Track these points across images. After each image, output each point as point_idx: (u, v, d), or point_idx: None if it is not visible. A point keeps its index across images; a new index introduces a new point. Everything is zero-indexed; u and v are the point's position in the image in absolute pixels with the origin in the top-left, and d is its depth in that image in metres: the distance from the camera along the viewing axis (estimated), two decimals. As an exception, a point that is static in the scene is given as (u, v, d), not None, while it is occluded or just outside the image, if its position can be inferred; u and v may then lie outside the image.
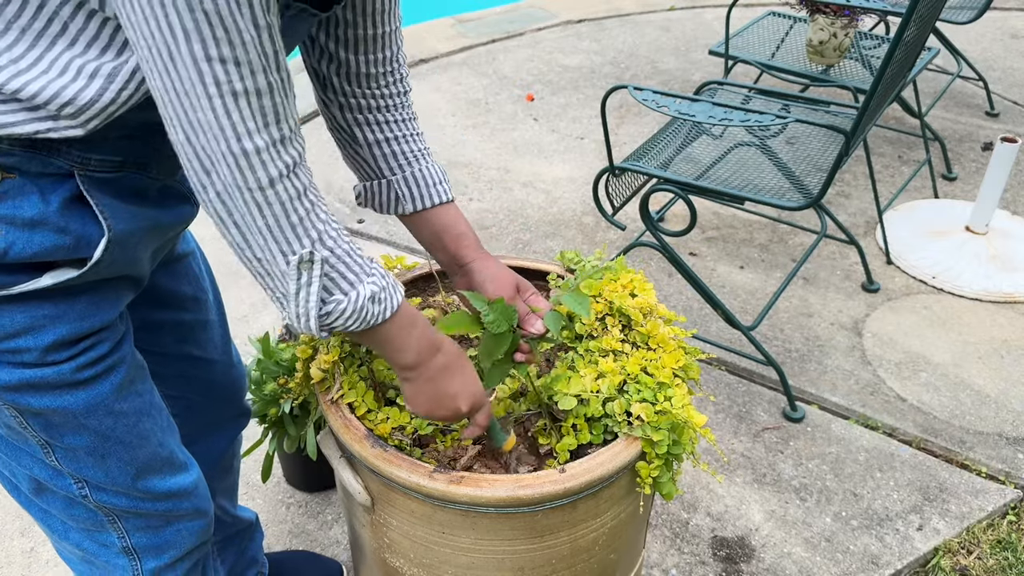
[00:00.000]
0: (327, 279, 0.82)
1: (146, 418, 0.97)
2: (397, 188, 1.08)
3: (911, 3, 1.70)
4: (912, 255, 2.55)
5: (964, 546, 1.70)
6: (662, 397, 1.06)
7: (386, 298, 0.87)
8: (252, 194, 0.75)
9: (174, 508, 1.03)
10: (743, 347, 2.15)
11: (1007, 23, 4.34)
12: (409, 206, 1.09)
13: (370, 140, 1.08)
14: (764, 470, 1.86)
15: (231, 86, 0.70)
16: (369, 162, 1.09)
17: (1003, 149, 2.43)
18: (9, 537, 1.70)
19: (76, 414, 0.89)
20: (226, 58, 0.69)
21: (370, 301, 0.85)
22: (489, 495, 0.98)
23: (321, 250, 0.80)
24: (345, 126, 1.08)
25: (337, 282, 0.83)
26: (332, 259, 0.82)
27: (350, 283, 0.84)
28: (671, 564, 1.65)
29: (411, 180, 1.08)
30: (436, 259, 1.13)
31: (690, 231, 1.89)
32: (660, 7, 4.55)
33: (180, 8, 0.66)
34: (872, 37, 2.90)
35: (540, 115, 3.42)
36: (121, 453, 0.95)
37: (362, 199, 1.12)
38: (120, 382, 0.92)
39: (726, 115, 1.79)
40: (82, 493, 0.96)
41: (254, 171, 0.74)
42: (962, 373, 2.13)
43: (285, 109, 0.75)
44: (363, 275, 0.85)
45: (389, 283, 0.88)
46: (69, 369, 0.87)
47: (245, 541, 1.44)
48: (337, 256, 0.82)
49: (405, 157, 1.08)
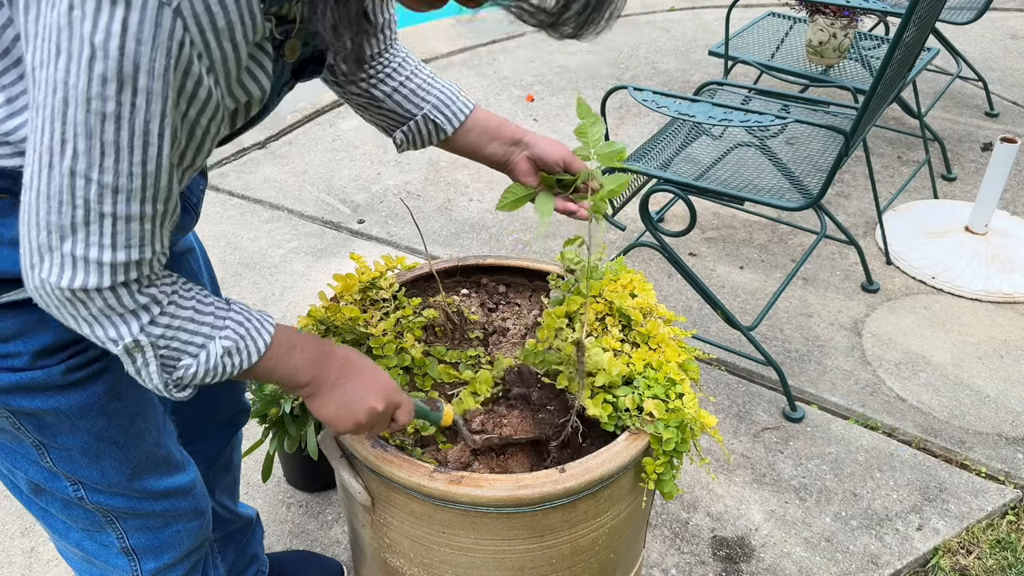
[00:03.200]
0: (167, 350, 0.79)
1: (140, 418, 0.97)
2: (433, 117, 1.11)
3: (911, 3, 1.71)
4: (912, 255, 2.55)
5: (964, 546, 1.70)
6: (673, 395, 1.07)
7: (244, 347, 0.83)
8: (77, 294, 0.72)
9: (172, 507, 1.03)
10: (743, 347, 2.15)
11: (1007, 23, 4.34)
12: (449, 127, 1.12)
13: (388, 92, 1.10)
14: (764, 470, 1.86)
15: (100, 207, 0.68)
16: (396, 110, 1.11)
17: (1002, 149, 2.43)
18: (10, 537, 1.70)
19: (69, 415, 0.90)
20: (105, 184, 0.67)
21: (224, 356, 0.82)
22: (489, 495, 0.98)
23: (152, 330, 0.77)
24: (360, 93, 1.10)
25: (182, 350, 0.80)
26: (169, 332, 0.78)
27: (199, 345, 0.81)
28: (671, 564, 1.65)
29: (440, 105, 1.11)
30: (489, 159, 1.14)
31: (690, 231, 1.90)
32: (660, 8, 4.55)
33: (79, 132, 0.64)
34: (872, 37, 2.90)
35: (540, 115, 3.42)
36: (116, 453, 0.95)
37: (404, 144, 1.14)
38: (113, 383, 0.92)
39: (726, 115, 1.79)
40: (78, 495, 0.97)
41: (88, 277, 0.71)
42: (962, 373, 2.13)
43: (155, 235, 0.73)
44: (215, 332, 0.81)
45: (249, 329, 0.84)
46: (59, 371, 0.87)
47: (245, 538, 1.44)
48: (176, 327, 0.79)
49: (423, 89, 1.11)
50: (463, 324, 1.28)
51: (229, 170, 3.04)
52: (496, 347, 1.25)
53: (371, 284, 1.29)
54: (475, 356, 1.23)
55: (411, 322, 1.24)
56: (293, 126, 3.34)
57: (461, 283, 1.40)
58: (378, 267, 1.32)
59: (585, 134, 1.05)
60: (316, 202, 2.85)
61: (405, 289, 1.32)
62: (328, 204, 2.84)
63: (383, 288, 1.29)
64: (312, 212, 2.80)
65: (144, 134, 0.66)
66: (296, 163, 3.09)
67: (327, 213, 2.79)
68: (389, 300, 1.28)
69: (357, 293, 1.27)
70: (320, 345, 0.92)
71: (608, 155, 1.04)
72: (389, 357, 1.16)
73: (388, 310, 1.26)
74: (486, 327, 1.29)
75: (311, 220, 2.76)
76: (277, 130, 3.30)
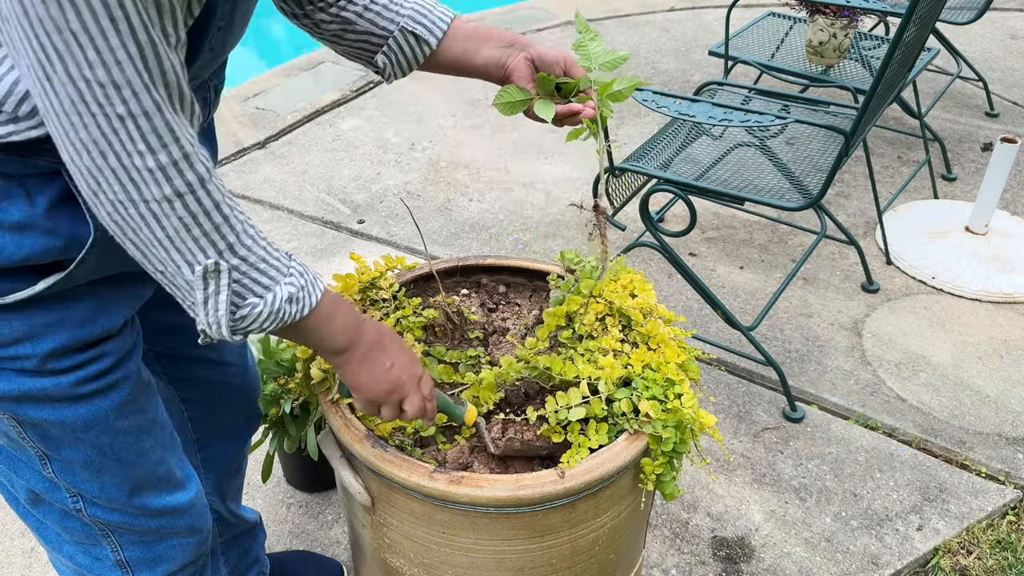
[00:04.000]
0: (238, 286, 0.79)
1: (147, 436, 0.96)
2: (411, 29, 1.04)
3: (911, 3, 1.71)
4: (912, 255, 2.55)
5: (964, 546, 1.70)
6: (672, 395, 1.07)
7: (304, 296, 0.84)
8: (147, 206, 0.72)
9: (168, 525, 1.02)
10: (743, 347, 2.15)
11: (1007, 23, 4.34)
12: (432, 37, 1.05)
13: (358, 10, 1.04)
14: (764, 470, 1.86)
15: (113, 109, 0.67)
16: (371, 30, 1.05)
17: (1003, 149, 2.43)
18: (10, 537, 1.70)
19: (74, 428, 0.89)
20: (103, 81, 0.66)
21: (287, 302, 0.83)
22: (489, 495, 0.98)
23: (230, 259, 0.78)
24: (331, 19, 1.04)
25: (251, 287, 0.80)
26: (244, 267, 0.79)
27: (265, 287, 0.81)
28: (671, 564, 1.65)
29: (416, 15, 1.05)
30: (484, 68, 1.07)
31: (690, 231, 1.90)
32: (660, 8, 4.55)
33: (48, 29, 0.63)
34: (872, 37, 2.90)
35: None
36: (117, 470, 0.94)
37: (388, 68, 1.07)
38: (123, 400, 0.92)
39: (726, 116, 1.79)
40: (76, 507, 0.96)
41: (148, 186, 0.71)
42: (962, 373, 2.13)
43: (178, 127, 0.71)
44: (280, 277, 0.82)
45: (308, 280, 0.86)
46: (68, 383, 0.86)
47: (248, 541, 1.44)
48: (250, 263, 0.79)
49: (396, 2, 1.05)
50: (463, 324, 1.28)
51: (229, 170, 3.04)
52: (496, 347, 1.25)
53: (371, 284, 1.29)
54: (475, 356, 1.23)
55: (411, 322, 1.24)
56: (293, 126, 3.34)
57: (461, 283, 1.40)
58: (378, 267, 1.32)
59: (585, 47, 1.03)
60: (316, 202, 2.85)
61: (405, 289, 1.32)
62: (328, 204, 2.84)
63: (383, 288, 1.29)
64: (312, 212, 2.79)
65: (105, 7, 0.63)
66: (296, 163, 3.09)
67: (327, 213, 2.79)
68: (389, 300, 1.28)
69: (357, 293, 1.27)
70: (358, 316, 0.94)
71: (610, 62, 1.01)
72: (389, 357, 1.16)
73: (388, 310, 1.26)
74: (486, 327, 1.29)
75: (311, 220, 2.76)
76: (277, 130, 3.30)
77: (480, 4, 4.48)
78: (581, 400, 1.07)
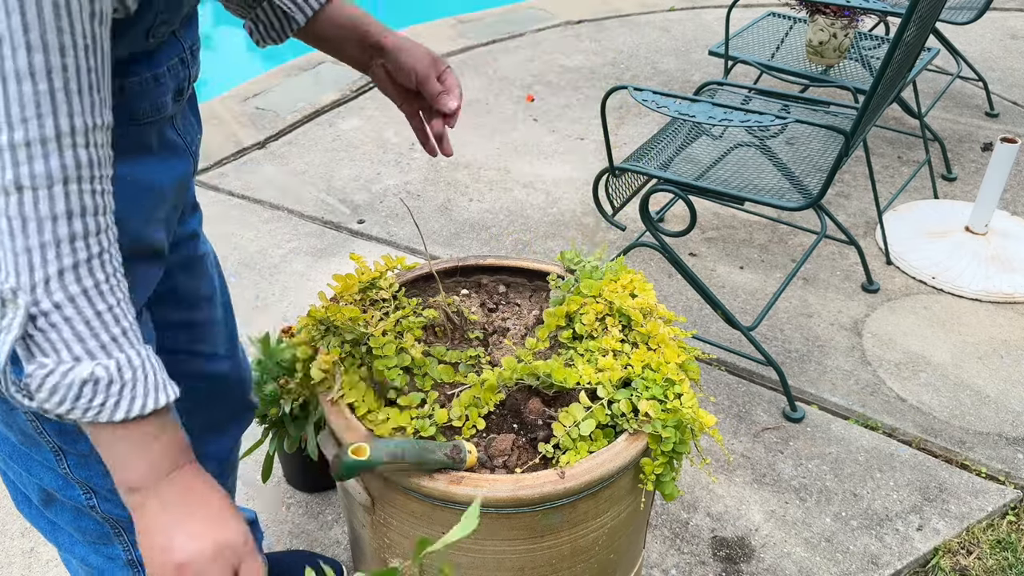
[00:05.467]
0: (39, 334, 0.62)
1: None
2: (280, 3, 0.95)
3: (911, 3, 1.71)
4: (912, 255, 2.55)
5: (964, 546, 1.70)
6: (671, 395, 1.07)
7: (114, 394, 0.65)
8: None
9: None
10: (743, 347, 2.15)
11: (1007, 23, 4.34)
12: (300, 15, 0.96)
13: None
14: (764, 470, 1.86)
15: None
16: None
17: (1003, 149, 2.43)
18: (10, 537, 1.70)
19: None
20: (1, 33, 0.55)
21: (86, 385, 0.64)
22: (489, 495, 0.98)
23: (44, 298, 0.61)
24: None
25: (55, 345, 0.62)
26: (55, 316, 0.62)
27: (74, 355, 0.63)
28: (671, 564, 1.65)
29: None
30: (350, 62, 1.02)
31: (690, 231, 1.90)
32: (660, 8, 4.55)
33: None
34: (872, 37, 2.90)
35: (540, 116, 3.42)
36: None
37: (255, 34, 1.00)
38: None
39: (726, 115, 1.79)
40: (90, 503, 0.96)
41: None
42: (962, 373, 2.13)
43: (58, 103, 0.58)
44: (100, 354, 0.64)
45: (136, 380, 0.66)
46: None
47: None
48: (66, 316, 0.62)
49: None
50: (463, 324, 1.28)
51: (229, 170, 3.04)
52: (496, 347, 1.25)
53: (371, 284, 1.29)
54: (475, 356, 1.23)
55: (411, 322, 1.24)
56: (293, 126, 3.34)
57: (461, 283, 1.40)
58: (378, 267, 1.32)
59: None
60: (316, 202, 2.85)
61: (405, 289, 1.32)
62: (328, 204, 2.84)
63: (383, 288, 1.29)
64: (312, 212, 2.79)
65: None
66: (296, 163, 3.09)
67: (327, 213, 2.79)
68: (389, 300, 1.28)
69: (357, 293, 1.27)
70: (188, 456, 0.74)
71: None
72: (389, 357, 1.16)
73: (388, 310, 1.26)
74: (486, 327, 1.29)
75: (311, 220, 2.76)
76: (277, 130, 3.30)
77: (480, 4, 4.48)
78: (585, 411, 1.07)
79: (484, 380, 1.13)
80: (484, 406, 1.12)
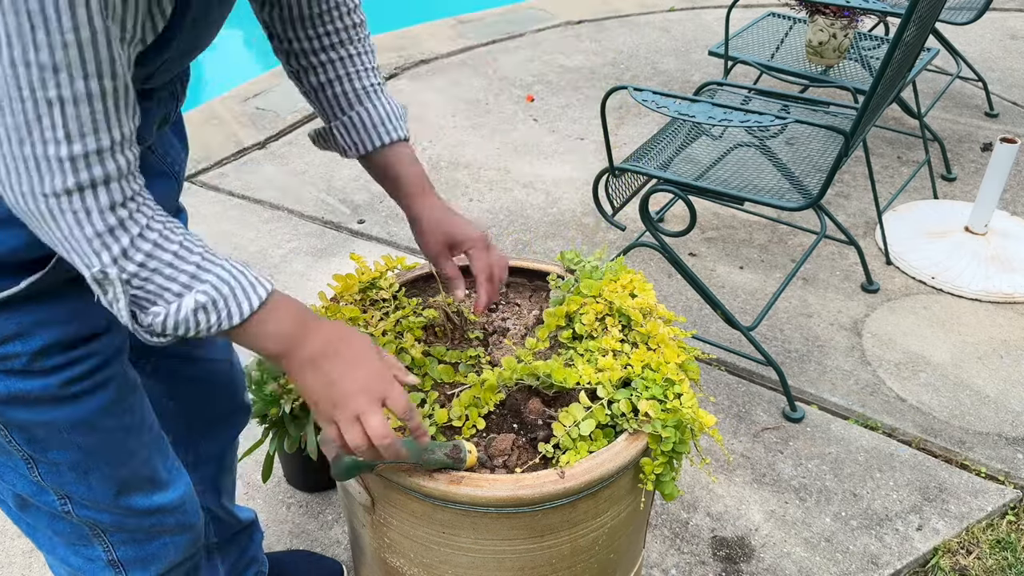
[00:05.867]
0: (141, 292, 0.75)
1: (133, 436, 0.96)
2: (338, 132, 1.05)
3: (910, 4, 1.71)
4: (911, 255, 2.55)
5: (964, 546, 1.71)
6: (671, 395, 1.07)
7: (224, 307, 0.78)
8: (46, 202, 0.69)
9: (158, 524, 1.02)
10: (743, 347, 2.15)
11: (1007, 23, 4.34)
12: (352, 152, 1.05)
13: (314, 85, 1.04)
14: (764, 470, 1.86)
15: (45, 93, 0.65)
16: (322, 105, 1.06)
17: (1002, 150, 2.43)
18: (9, 537, 1.70)
19: (61, 429, 0.88)
20: (44, 64, 0.64)
21: (195, 312, 0.77)
22: (489, 495, 0.98)
23: (127, 265, 0.73)
24: (293, 73, 1.05)
25: (157, 293, 0.75)
26: (144, 272, 0.74)
27: (175, 294, 0.76)
28: (671, 564, 1.65)
29: (349, 125, 1.04)
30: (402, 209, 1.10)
31: (690, 231, 1.90)
32: (659, 8, 4.55)
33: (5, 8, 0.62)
34: (871, 38, 2.90)
35: (540, 116, 3.42)
36: (104, 470, 0.94)
37: (318, 143, 1.09)
38: (110, 400, 0.91)
39: (726, 116, 1.79)
40: (65, 509, 0.96)
41: (52, 178, 0.68)
42: (962, 373, 2.13)
43: (109, 119, 0.69)
44: (192, 283, 0.76)
45: (237, 287, 0.79)
46: (56, 383, 0.86)
47: (245, 540, 1.44)
48: (151, 268, 0.74)
49: (347, 98, 1.04)
50: (463, 324, 1.28)
51: (229, 170, 3.04)
52: (496, 347, 1.25)
53: (371, 284, 1.29)
54: (475, 356, 1.23)
55: (411, 322, 1.24)
56: (293, 126, 3.34)
57: (461, 283, 1.40)
58: (378, 267, 1.32)
59: None
60: (316, 202, 2.85)
61: (405, 289, 1.32)
62: (328, 204, 2.84)
63: (383, 288, 1.29)
64: (312, 212, 2.80)
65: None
66: (296, 163, 3.09)
67: (327, 213, 2.79)
68: (389, 300, 1.28)
69: (357, 293, 1.27)
70: (298, 319, 0.85)
71: None
72: (389, 357, 1.16)
73: (388, 310, 1.26)
74: (486, 327, 1.29)
75: (311, 220, 2.76)
76: (277, 130, 3.30)
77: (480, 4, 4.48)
78: (585, 411, 1.07)
79: (484, 380, 1.13)
80: (484, 406, 1.12)
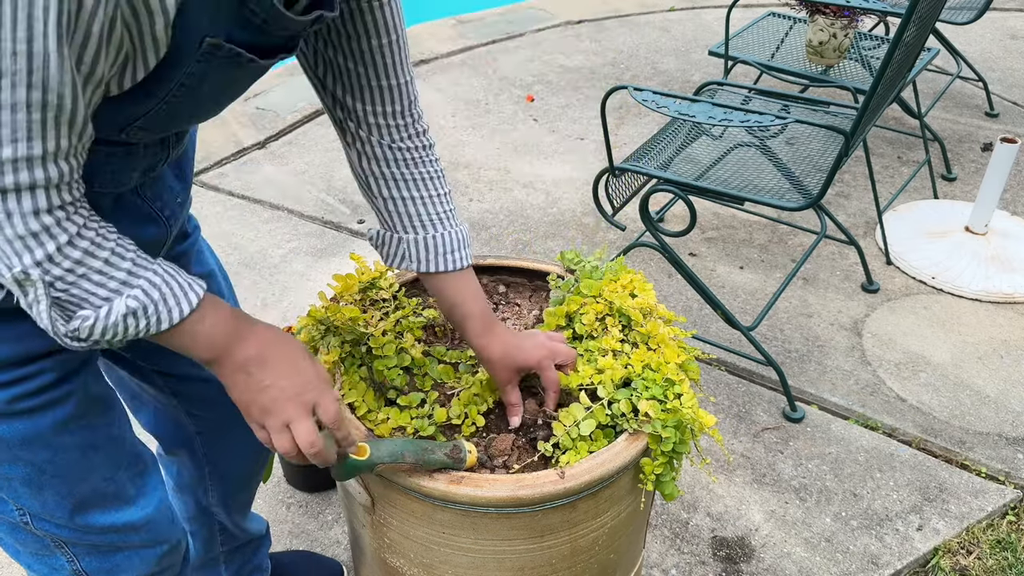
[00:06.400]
0: (66, 295, 0.73)
1: (94, 452, 0.93)
2: (406, 248, 1.04)
3: (911, 4, 1.71)
4: (912, 255, 2.55)
5: (964, 546, 1.70)
6: (671, 395, 1.07)
7: (154, 312, 0.76)
8: None
9: (120, 540, 1.00)
10: (743, 347, 2.15)
11: (1007, 23, 4.34)
12: (415, 266, 1.05)
13: (385, 196, 1.03)
14: (764, 470, 1.86)
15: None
16: (383, 213, 1.05)
17: (1002, 150, 2.43)
18: (9, 537, 1.70)
19: (10, 445, 0.87)
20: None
21: (129, 317, 0.75)
22: (489, 495, 0.98)
23: (52, 269, 0.70)
24: (362, 174, 1.04)
25: (84, 298, 0.73)
26: (71, 277, 0.72)
27: (102, 298, 0.74)
28: (671, 564, 1.65)
29: (422, 244, 1.03)
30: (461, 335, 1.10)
31: (690, 231, 1.90)
32: (659, 8, 4.55)
33: None
34: (872, 38, 2.90)
35: (540, 116, 3.42)
36: (59, 486, 0.92)
37: (374, 243, 1.08)
38: (66, 416, 0.89)
39: (726, 115, 1.79)
40: (24, 520, 0.94)
41: None
42: (962, 373, 2.13)
43: (46, 130, 0.66)
44: (123, 288, 0.75)
45: (168, 293, 0.77)
46: (4, 400, 0.84)
47: (252, 550, 1.44)
48: (80, 274, 0.72)
49: (420, 219, 1.03)
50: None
51: (229, 170, 3.04)
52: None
53: (371, 284, 1.29)
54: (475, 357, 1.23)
55: (411, 322, 1.24)
56: (293, 126, 3.34)
57: (461, 283, 1.40)
58: (378, 267, 1.32)
59: None
60: (316, 202, 2.85)
61: (405, 289, 1.32)
62: (328, 204, 2.84)
63: (383, 288, 1.29)
64: (312, 212, 2.80)
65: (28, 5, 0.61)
66: (296, 163, 3.09)
67: (327, 213, 2.79)
68: (389, 300, 1.28)
69: (357, 293, 1.27)
70: (230, 326, 0.83)
71: None
72: (389, 357, 1.16)
73: (388, 310, 1.26)
74: (486, 327, 1.29)
75: (311, 220, 2.76)
76: (277, 130, 3.30)
77: (480, 4, 4.48)
78: (585, 411, 1.07)
79: (484, 380, 1.13)
80: (484, 403, 1.12)
